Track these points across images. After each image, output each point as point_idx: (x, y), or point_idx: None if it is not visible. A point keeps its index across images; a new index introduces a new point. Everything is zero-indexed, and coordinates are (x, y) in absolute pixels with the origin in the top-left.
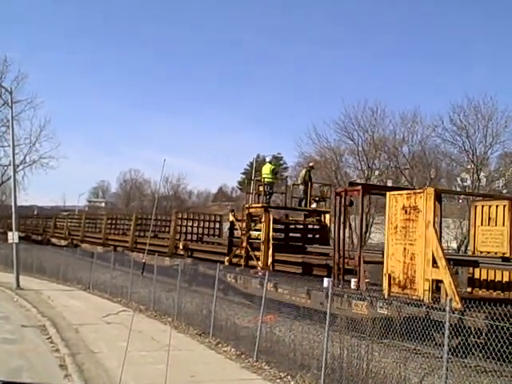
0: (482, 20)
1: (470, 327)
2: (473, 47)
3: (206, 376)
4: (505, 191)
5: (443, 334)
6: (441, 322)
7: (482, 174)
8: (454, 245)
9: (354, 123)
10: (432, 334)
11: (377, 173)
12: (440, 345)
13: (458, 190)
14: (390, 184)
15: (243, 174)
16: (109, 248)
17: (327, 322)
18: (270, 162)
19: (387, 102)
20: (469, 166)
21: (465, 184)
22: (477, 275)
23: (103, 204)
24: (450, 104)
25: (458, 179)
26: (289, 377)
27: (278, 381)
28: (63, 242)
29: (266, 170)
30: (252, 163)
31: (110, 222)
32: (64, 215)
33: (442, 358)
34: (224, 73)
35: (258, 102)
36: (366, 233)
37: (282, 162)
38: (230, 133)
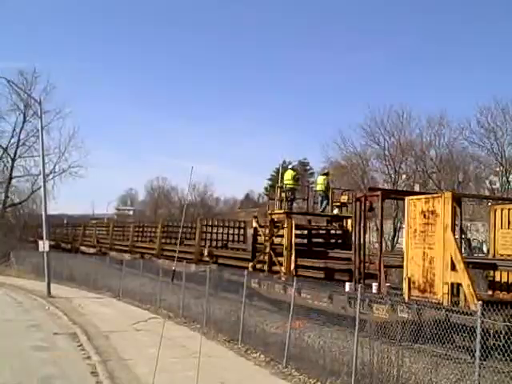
0: (508, 22)
1: (488, 330)
2: (501, 48)
3: (237, 382)
4: None
5: (464, 337)
6: (462, 325)
7: (511, 176)
8: (484, 248)
9: (380, 127)
10: (452, 337)
11: (404, 177)
12: (460, 347)
13: (487, 193)
14: (417, 188)
15: (269, 180)
16: (136, 255)
17: (356, 328)
18: (291, 169)
19: (413, 105)
20: (497, 169)
21: (494, 187)
22: (497, 278)
23: (131, 212)
24: (478, 106)
25: (487, 182)
26: (319, 383)
27: None
28: (92, 250)
29: (288, 176)
30: (278, 169)
31: (137, 229)
32: (93, 223)
33: (473, 363)
34: (248, 78)
35: (284, 107)
36: (394, 237)
37: (308, 167)
38: (256, 139)
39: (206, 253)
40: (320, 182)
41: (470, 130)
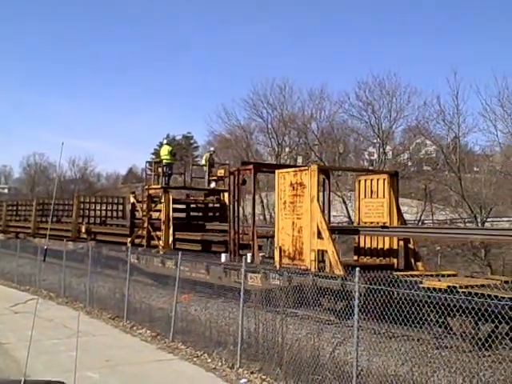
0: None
1: (351, 292)
2: (374, 21)
3: (122, 359)
4: (409, 163)
5: (329, 299)
6: (327, 288)
7: (388, 147)
8: None
9: (263, 101)
10: (320, 300)
11: (287, 150)
12: (327, 309)
13: (366, 164)
14: (300, 160)
15: (153, 154)
16: (10, 235)
17: (241, 299)
18: (167, 144)
19: (295, 79)
20: (375, 141)
21: (372, 158)
22: (362, 244)
23: (6, 190)
24: (356, 80)
25: (366, 153)
26: (205, 355)
27: (195, 359)
28: None
29: (164, 151)
30: (161, 143)
31: (10, 208)
32: None
33: (352, 326)
34: (133, 51)
35: (168, 82)
36: None
37: (192, 141)
38: (140, 114)
39: (83, 230)
40: (205, 158)
41: (349, 104)
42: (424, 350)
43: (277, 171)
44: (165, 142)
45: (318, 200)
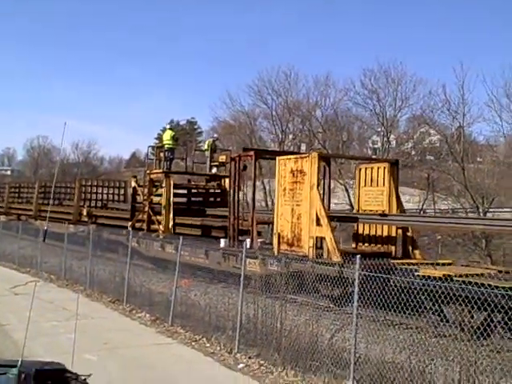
0: None
1: (347, 278)
2: (381, 10)
3: (121, 342)
4: (413, 152)
5: (327, 286)
6: (324, 275)
7: (391, 136)
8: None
9: (268, 87)
10: (317, 287)
11: (291, 136)
12: (324, 296)
13: (369, 152)
14: (303, 148)
15: (157, 139)
16: (12, 217)
17: (241, 284)
18: (170, 129)
19: (300, 66)
20: (379, 129)
21: (375, 146)
22: (360, 231)
23: (9, 172)
24: (362, 68)
25: (370, 142)
26: (204, 339)
27: (194, 343)
28: None
29: (167, 136)
30: (165, 128)
31: (12, 190)
32: None
33: (351, 313)
34: (136, 35)
35: (173, 67)
36: None
37: (196, 126)
38: (144, 98)
39: (84, 213)
40: (207, 144)
41: (354, 92)
42: (422, 338)
43: (278, 158)
44: (168, 126)
45: (317, 187)
